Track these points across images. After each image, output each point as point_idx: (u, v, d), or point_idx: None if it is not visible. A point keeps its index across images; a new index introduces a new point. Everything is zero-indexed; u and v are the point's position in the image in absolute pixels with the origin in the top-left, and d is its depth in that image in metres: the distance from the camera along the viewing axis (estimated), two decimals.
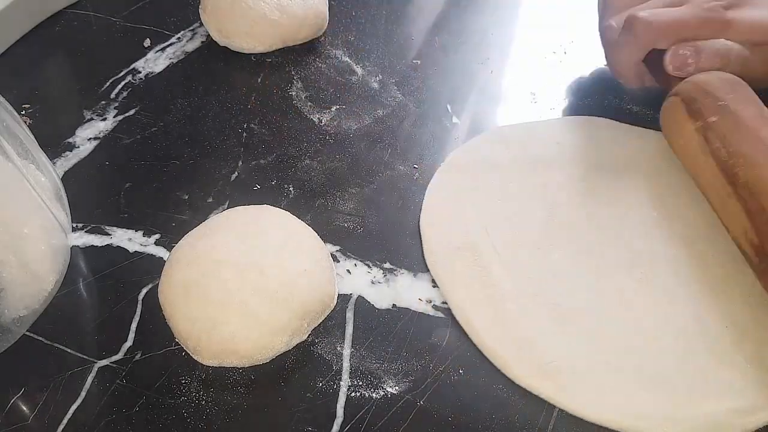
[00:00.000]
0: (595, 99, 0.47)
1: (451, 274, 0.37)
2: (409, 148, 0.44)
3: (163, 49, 0.50)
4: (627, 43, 0.42)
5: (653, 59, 0.41)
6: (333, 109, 0.46)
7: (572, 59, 0.50)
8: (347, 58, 0.50)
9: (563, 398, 0.32)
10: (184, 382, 0.33)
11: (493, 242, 0.38)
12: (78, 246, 0.38)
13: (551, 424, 0.32)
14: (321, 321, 0.34)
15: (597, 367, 0.33)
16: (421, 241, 0.39)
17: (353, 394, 0.33)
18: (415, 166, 0.43)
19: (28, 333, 0.34)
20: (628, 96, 0.47)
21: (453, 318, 0.35)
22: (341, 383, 0.33)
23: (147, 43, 0.50)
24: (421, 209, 0.40)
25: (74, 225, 0.39)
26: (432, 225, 0.39)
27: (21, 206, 0.34)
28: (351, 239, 0.39)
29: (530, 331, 0.34)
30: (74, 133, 0.44)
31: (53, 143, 0.43)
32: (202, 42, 0.51)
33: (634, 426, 0.31)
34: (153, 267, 0.37)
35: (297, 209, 0.39)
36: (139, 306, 0.36)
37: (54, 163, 0.41)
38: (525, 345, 0.34)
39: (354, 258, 0.38)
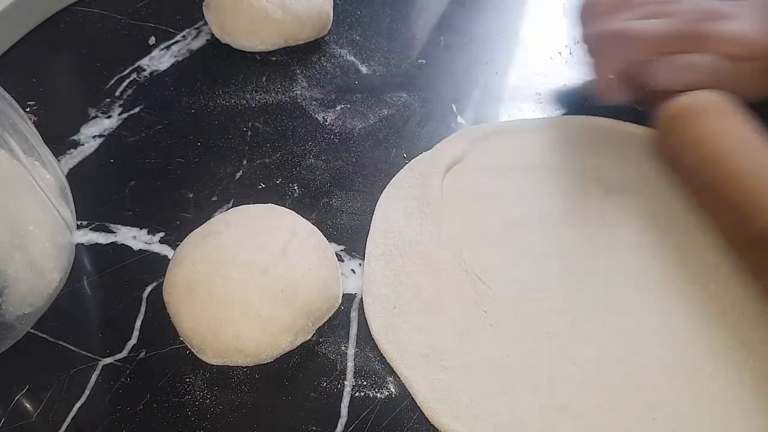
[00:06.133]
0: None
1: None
2: (414, 147, 0.44)
3: (168, 47, 0.50)
4: (604, 57, 0.41)
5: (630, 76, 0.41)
6: (338, 108, 0.46)
7: (578, 60, 0.50)
8: (352, 57, 0.50)
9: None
10: (189, 381, 0.33)
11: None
12: (82, 244, 0.38)
13: None
14: (325, 320, 0.34)
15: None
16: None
17: (357, 394, 0.33)
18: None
19: (32, 330, 0.34)
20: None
21: None
22: (345, 383, 0.33)
23: (152, 41, 0.50)
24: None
25: (79, 223, 0.39)
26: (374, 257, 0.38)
27: (26, 204, 0.34)
28: (356, 239, 0.39)
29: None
30: (79, 131, 0.44)
31: (58, 141, 0.43)
32: (207, 40, 0.51)
33: None
34: (157, 265, 0.37)
35: (301, 208, 0.39)
36: (144, 304, 0.35)
37: (59, 161, 0.41)
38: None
39: (359, 257, 0.38)
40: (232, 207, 0.39)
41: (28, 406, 0.32)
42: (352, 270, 0.37)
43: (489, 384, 0.33)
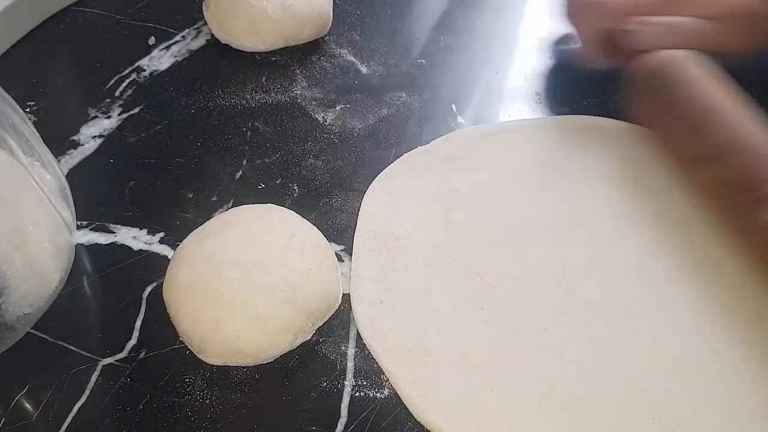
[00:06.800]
0: (601, 99, 0.47)
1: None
2: (414, 147, 0.44)
3: (167, 47, 0.50)
4: (584, 24, 0.43)
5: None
6: (337, 108, 0.46)
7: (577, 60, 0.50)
8: (352, 57, 0.50)
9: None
10: (189, 381, 0.33)
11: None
12: (82, 244, 0.38)
13: None
14: (325, 320, 0.34)
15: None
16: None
17: (357, 394, 0.33)
18: None
19: (32, 331, 0.34)
20: None
21: None
22: (345, 383, 0.33)
23: (152, 41, 0.50)
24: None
25: (79, 223, 0.39)
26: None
27: (26, 204, 0.34)
28: None
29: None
30: (79, 131, 0.44)
31: (58, 141, 0.43)
32: (207, 40, 0.51)
33: None
34: (157, 265, 0.37)
35: (301, 208, 0.39)
36: (144, 304, 0.35)
37: (59, 161, 0.41)
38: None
39: None
40: (232, 207, 0.39)
41: (28, 406, 0.32)
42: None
43: (480, 381, 0.32)
